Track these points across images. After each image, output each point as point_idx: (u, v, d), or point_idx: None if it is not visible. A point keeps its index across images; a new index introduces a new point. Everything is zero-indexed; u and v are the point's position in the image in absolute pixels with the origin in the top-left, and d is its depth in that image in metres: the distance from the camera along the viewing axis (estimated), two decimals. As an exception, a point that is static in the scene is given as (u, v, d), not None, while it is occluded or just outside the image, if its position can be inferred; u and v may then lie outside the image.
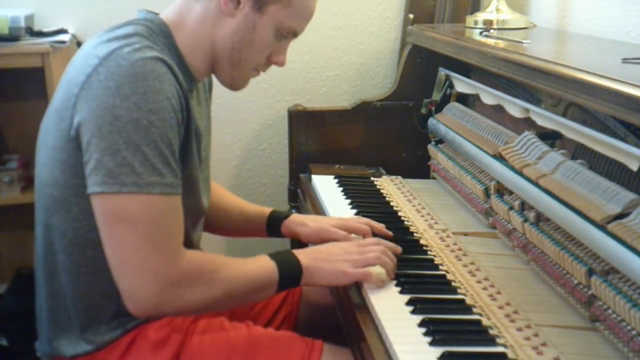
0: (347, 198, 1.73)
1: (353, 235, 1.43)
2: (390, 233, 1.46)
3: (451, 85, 1.90)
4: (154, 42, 1.18)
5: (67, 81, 1.16)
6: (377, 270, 1.26)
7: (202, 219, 1.38)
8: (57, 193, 1.18)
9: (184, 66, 1.24)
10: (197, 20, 1.24)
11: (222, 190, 1.58)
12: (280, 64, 1.31)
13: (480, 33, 1.78)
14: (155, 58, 1.12)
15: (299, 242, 1.57)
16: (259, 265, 1.23)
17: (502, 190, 1.49)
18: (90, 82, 1.10)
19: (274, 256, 1.24)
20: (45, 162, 1.20)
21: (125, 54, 1.11)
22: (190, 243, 1.30)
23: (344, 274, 1.25)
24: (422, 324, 1.12)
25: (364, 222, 1.46)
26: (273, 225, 1.52)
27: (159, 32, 1.21)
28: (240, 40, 1.23)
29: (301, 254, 1.26)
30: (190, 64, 1.25)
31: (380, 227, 1.46)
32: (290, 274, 1.23)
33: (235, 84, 1.31)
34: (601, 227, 1.09)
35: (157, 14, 1.25)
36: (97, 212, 1.11)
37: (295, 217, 1.52)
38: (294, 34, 1.28)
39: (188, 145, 1.21)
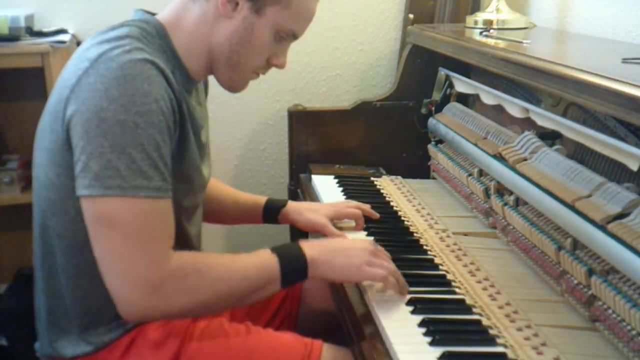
0: (347, 198, 1.73)
1: (345, 220, 1.55)
2: (377, 214, 1.56)
3: (451, 85, 1.90)
4: (147, 44, 1.16)
5: (60, 84, 1.16)
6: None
7: (197, 212, 1.36)
8: (54, 195, 1.17)
9: (181, 67, 1.23)
10: (195, 21, 1.22)
11: (214, 181, 1.58)
12: (280, 66, 1.29)
13: (480, 33, 1.78)
14: (145, 60, 1.11)
15: (298, 231, 1.61)
16: (257, 261, 1.19)
17: (502, 190, 1.49)
18: (80, 85, 1.10)
19: (276, 249, 1.20)
20: (41, 164, 1.19)
21: (114, 56, 1.10)
22: (186, 238, 1.29)
23: (358, 269, 1.20)
24: (422, 324, 1.12)
25: (354, 206, 1.55)
26: (269, 213, 1.57)
27: (154, 34, 1.20)
28: (238, 42, 1.22)
29: (308, 246, 1.22)
30: (187, 65, 1.24)
31: (368, 207, 1.57)
32: (293, 267, 1.19)
33: (233, 86, 1.30)
34: (601, 227, 1.09)
35: (154, 15, 1.25)
36: (85, 215, 1.11)
37: (292, 205, 1.56)
38: (294, 36, 1.26)
39: (185, 147, 1.20)
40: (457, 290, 1.25)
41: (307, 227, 1.53)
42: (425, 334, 1.09)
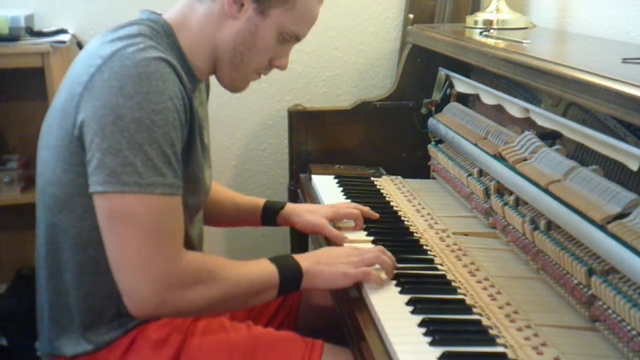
0: (347, 198, 1.73)
1: (345, 220, 1.55)
2: (376, 215, 1.56)
3: (451, 85, 1.90)
4: (158, 42, 1.18)
5: (70, 81, 1.16)
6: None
7: (199, 214, 1.38)
8: (60, 192, 1.18)
9: (187, 66, 1.24)
10: (200, 21, 1.24)
11: (216, 185, 1.59)
12: (282, 67, 1.32)
13: (480, 33, 1.78)
14: (159, 58, 1.12)
15: (298, 232, 1.63)
16: (260, 268, 1.23)
17: (502, 190, 1.49)
18: (93, 82, 1.10)
19: (274, 260, 1.25)
20: (47, 161, 1.20)
21: (129, 53, 1.11)
22: (188, 239, 1.29)
23: (344, 275, 1.25)
24: (422, 324, 1.12)
25: (354, 207, 1.56)
26: (268, 215, 1.57)
27: (162, 33, 1.21)
28: (242, 42, 1.24)
29: (301, 259, 1.27)
30: (192, 64, 1.25)
31: (367, 209, 1.57)
32: (290, 278, 1.24)
33: (234, 86, 1.32)
34: (601, 227, 1.09)
35: (159, 15, 1.25)
36: (98, 211, 1.11)
37: (291, 207, 1.57)
38: (297, 39, 1.29)
39: (192, 145, 1.21)
40: (457, 290, 1.25)
41: (306, 229, 1.54)
42: (425, 334, 1.09)
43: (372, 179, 1.90)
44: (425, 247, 1.44)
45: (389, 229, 1.55)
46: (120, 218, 1.09)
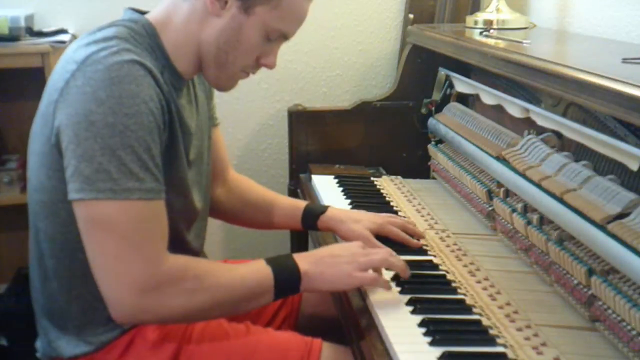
0: (347, 198, 1.73)
1: None
2: (423, 235, 1.48)
3: (451, 85, 1.90)
4: (135, 44, 1.15)
5: (49, 86, 1.15)
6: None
7: (198, 221, 1.35)
8: (46, 198, 1.17)
9: (171, 66, 1.21)
10: (184, 19, 1.20)
11: (251, 184, 1.57)
12: (270, 66, 1.26)
13: (480, 33, 1.78)
14: (132, 61, 1.10)
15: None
16: (253, 270, 1.19)
17: (502, 191, 1.49)
18: (68, 88, 1.09)
19: (270, 261, 1.20)
20: (33, 167, 1.19)
21: (101, 58, 1.08)
22: (185, 245, 1.29)
23: (348, 276, 1.20)
24: (422, 324, 1.12)
25: (399, 225, 1.46)
26: (309, 219, 1.49)
27: (143, 33, 1.18)
28: (226, 41, 1.19)
29: (301, 259, 1.21)
30: (176, 64, 1.22)
31: (412, 226, 1.49)
32: (287, 279, 1.19)
33: (221, 85, 1.28)
34: (601, 227, 1.09)
35: (144, 13, 1.23)
36: (77, 218, 1.10)
37: (334, 212, 1.48)
38: (284, 37, 1.23)
39: (174, 147, 1.19)
40: (457, 290, 1.25)
41: (348, 238, 1.41)
42: (425, 334, 1.09)
43: (372, 179, 1.90)
44: (425, 247, 1.44)
45: (389, 229, 1.54)
46: (98, 225, 1.07)
